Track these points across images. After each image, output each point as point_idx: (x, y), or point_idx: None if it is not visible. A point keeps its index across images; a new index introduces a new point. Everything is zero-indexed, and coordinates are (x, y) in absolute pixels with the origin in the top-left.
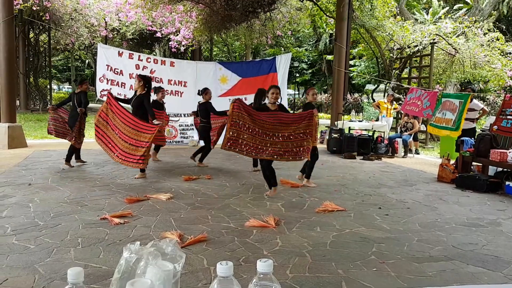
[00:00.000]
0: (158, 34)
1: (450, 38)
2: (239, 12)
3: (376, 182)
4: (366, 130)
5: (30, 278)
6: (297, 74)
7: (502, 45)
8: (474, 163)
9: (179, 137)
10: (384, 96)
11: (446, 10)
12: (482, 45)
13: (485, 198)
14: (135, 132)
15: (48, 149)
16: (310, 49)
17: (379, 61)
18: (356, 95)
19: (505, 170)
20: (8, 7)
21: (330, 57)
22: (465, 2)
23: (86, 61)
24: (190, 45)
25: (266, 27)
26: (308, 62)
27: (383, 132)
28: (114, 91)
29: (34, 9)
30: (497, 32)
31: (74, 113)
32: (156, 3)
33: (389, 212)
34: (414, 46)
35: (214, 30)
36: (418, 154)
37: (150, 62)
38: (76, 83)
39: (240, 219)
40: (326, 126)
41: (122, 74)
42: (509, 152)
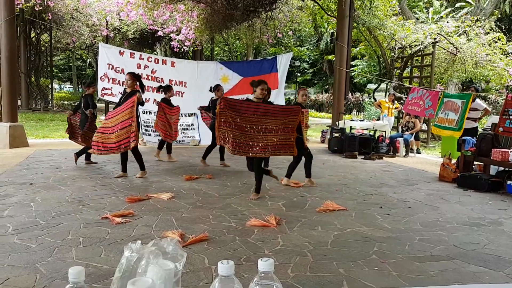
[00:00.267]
0: (159, 33)
1: (452, 37)
2: (240, 11)
3: (377, 181)
4: (367, 129)
5: (31, 277)
6: (298, 74)
7: (503, 45)
8: (475, 163)
9: (180, 136)
10: (385, 95)
11: (448, 10)
12: (484, 44)
13: (486, 197)
14: (120, 116)
15: (49, 148)
16: (311, 48)
17: (381, 60)
18: (357, 95)
19: (506, 169)
20: (9, 7)
21: (330, 57)
22: (466, 1)
23: (87, 60)
24: (193, 45)
25: (267, 27)
26: (309, 62)
27: (385, 131)
28: (115, 90)
29: (36, 9)
30: (498, 32)
31: (84, 116)
32: (157, 3)
33: (390, 211)
34: (415, 45)
35: (215, 30)
36: (420, 153)
37: (151, 61)
38: (84, 85)
39: (241, 219)
40: (327, 126)
41: (123, 73)
42: (510, 151)
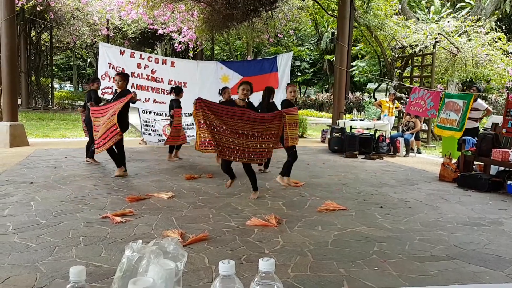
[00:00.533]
0: (160, 32)
1: (452, 37)
2: (241, 11)
3: (377, 181)
4: (367, 129)
5: (31, 276)
6: (298, 73)
7: (504, 44)
8: (476, 162)
9: None
10: (385, 95)
11: (449, 10)
12: (484, 44)
13: (486, 197)
14: (107, 119)
15: (49, 147)
16: (312, 48)
17: (381, 60)
18: (357, 94)
19: (507, 169)
20: (9, 6)
21: (330, 57)
22: (466, 1)
23: (88, 59)
24: (195, 46)
25: (267, 26)
26: (309, 61)
27: (385, 131)
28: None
29: (38, 9)
30: (499, 31)
31: (88, 111)
32: (157, 2)
33: (390, 211)
34: (416, 45)
35: (216, 29)
36: (420, 153)
37: (151, 61)
38: (88, 81)
39: (241, 218)
40: (327, 125)
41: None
42: (511, 151)
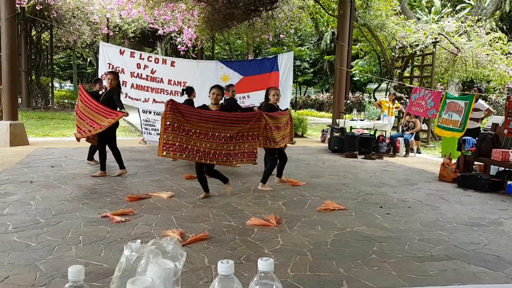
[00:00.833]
0: (160, 31)
1: (453, 37)
2: (241, 10)
3: (377, 181)
4: (367, 129)
5: (31, 275)
6: (299, 73)
7: (504, 45)
8: (476, 163)
9: None
10: (385, 95)
11: (449, 10)
12: (484, 44)
13: (486, 197)
14: (98, 115)
15: (49, 147)
16: (312, 48)
17: (381, 59)
18: (357, 94)
19: (507, 169)
20: (10, 5)
21: (329, 57)
22: (466, 2)
23: (88, 59)
24: (195, 44)
25: (268, 26)
26: (310, 61)
27: (385, 131)
28: None
29: (38, 8)
30: (499, 32)
31: None
32: (158, 1)
33: (390, 211)
34: (416, 45)
35: (216, 29)
36: (420, 153)
37: (151, 61)
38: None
39: (241, 218)
40: (327, 125)
41: (123, 73)
42: (511, 151)
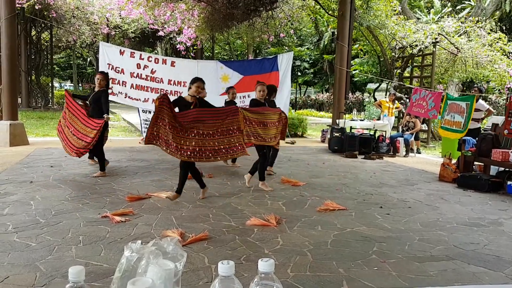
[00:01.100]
0: (160, 33)
1: (452, 37)
2: (241, 10)
3: (377, 181)
4: (367, 129)
5: (31, 275)
6: (299, 73)
7: (505, 45)
8: (476, 163)
9: None
10: (385, 95)
11: (449, 10)
12: (485, 44)
13: (486, 197)
14: (84, 127)
15: (49, 147)
16: (312, 48)
17: (381, 60)
18: (357, 94)
19: (507, 169)
20: (10, 5)
21: (329, 56)
22: (467, 2)
23: (88, 59)
24: (194, 44)
25: (268, 26)
26: (309, 61)
27: (385, 131)
28: (116, 90)
29: (36, 7)
30: (499, 32)
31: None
32: (158, 1)
33: (390, 211)
34: (416, 45)
35: (216, 29)
36: (420, 153)
37: (151, 61)
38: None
39: (241, 218)
40: (327, 125)
41: (123, 73)
42: (511, 151)
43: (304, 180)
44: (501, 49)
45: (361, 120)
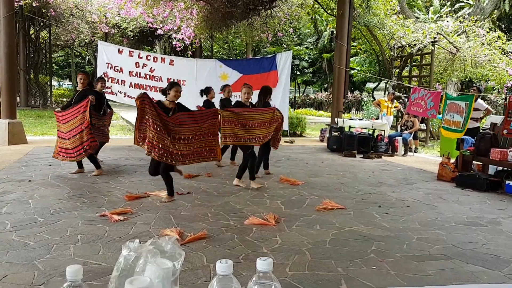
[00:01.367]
0: (159, 31)
1: (451, 37)
2: (240, 9)
3: (376, 180)
4: (366, 128)
5: (29, 274)
6: (297, 72)
7: (504, 44)
8: (474, 162)
9: None
10: (384, 94)
11: (448, 10)
12: (483, 44)
13: (485, 197)
14: (76, 119)
15: (48, 145)
16: (311, 47)
17: (380, 59)
18: (356, 93)
19: (505, 169)
20: (8, 3)
21: (328, 55)
22: (465, 1)
23: (87, 57)
24: (193, 43)
25: (267, 25)
26: (308, 61)
27: (383, 130)
28: (115, 89)
29: (34, 5)
30: (497, 31)
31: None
32: (157, 0)
33: (388, 210)
34: (415, 44)
35: (215, 28)
36: (416, 152)
37: (150, 60)
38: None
39: (240, 217)
40: (326, 124)
41: (122, 72)
42: (509, 151)
43: (302, 179)
44: (500, 48)
45: (359, 119)
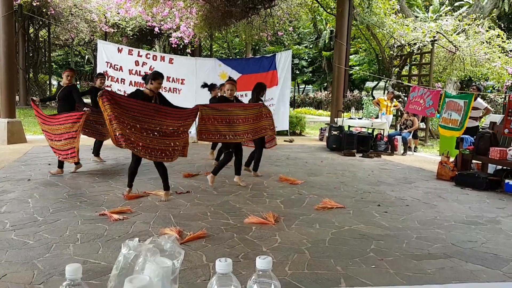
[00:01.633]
0: (157, 29)
1: (451, 35)
2: (239, 8)
3: (375, 179)
4: (365, 127)
5: (29, 273)
6: (297, 71)
7: (503, 42)
8: (473, 161)
9: None
10: (384, 93)
11: (447, 9)
12: (483, 42)
13: (484, 196)
14: (64, 125)
15: (47, 144)
16: (311, 46)
17: (379, 58)
18: (355, 92)
19: (504, 168)
20: (7, 2)
21: (327, 53)
22: (465, 0)
23: (86, 56)
24: (192, 42)
25: (266, 24)
26: (308, 60)
27: (383, 129)
28: (114, 88)
29: (34, 4)
30: (497, 30)
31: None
32: None
33: (388, 209)
34: (414, 43)
35: (214, 27)
36: (415, 151)
37: (149, 58)
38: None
39: (239, 216)
40: (326, 123)
41: (122, 70)
42: (508, 150)
43: (302, 178)
44: (499, 46)
45: (359, 118)
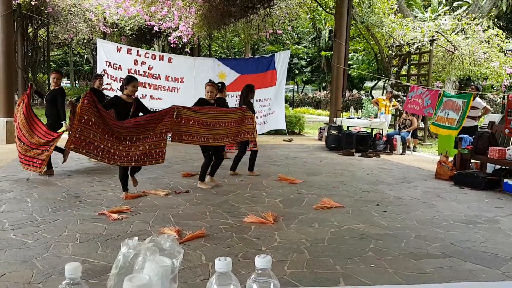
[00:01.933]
0: (156, 29)
1: (450, 35)
2: (239, 7)
3: (374, 179)
4: (364, 127)
5: (28, 273)
6: (296, 71)
7: (502, 41)
8: (472, 161)
9: None
10: (383, 93)
11: (446, 8)
12: (482, 42)
13: (483, 195)
14: (34, 135)
15: None
16: (310, 46)
17: (378, 58)
18: (354, 92)
19: (503, 167)
20: (6, 2)
21: (326, 53)
22: (464, 0)
23: (85, 56)
24: (191, 41)
25: (265, 23)
26: (307, 59)
27: (382, 129)
28: (114, 86)
29: (33, 3)
30: (496, 29)
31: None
32: None
33: (387, 209)
34: (413, 43)
35: (213, 26)
36: (414, 151)
37: (148, 57)
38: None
39: (238, 215)
40: (325, 123)
41: (121, 70)
42: (507, 149)
43: (301, 177)
44: (498, 46)
45: (358, 118)
